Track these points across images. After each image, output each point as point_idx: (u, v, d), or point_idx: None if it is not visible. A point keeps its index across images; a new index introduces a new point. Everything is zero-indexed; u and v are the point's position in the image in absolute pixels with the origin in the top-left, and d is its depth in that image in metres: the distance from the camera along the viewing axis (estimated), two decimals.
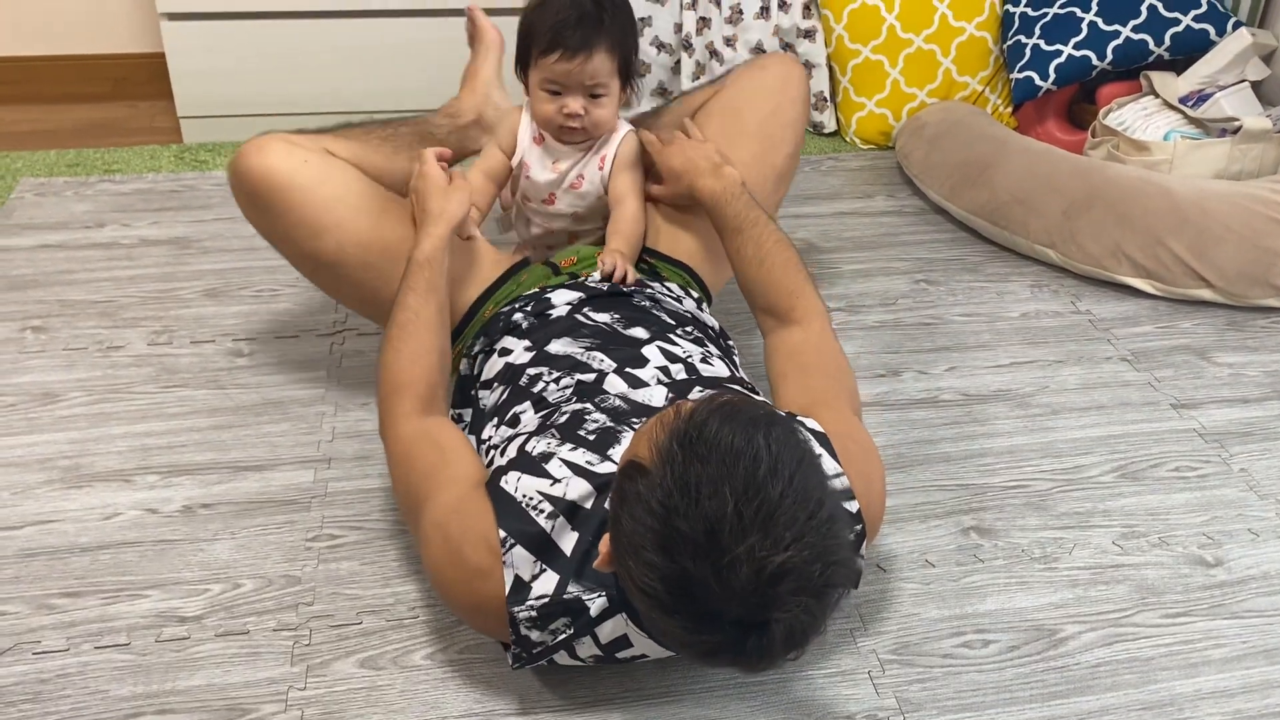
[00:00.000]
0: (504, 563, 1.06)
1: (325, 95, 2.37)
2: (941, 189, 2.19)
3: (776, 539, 0.83)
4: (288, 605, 1.28)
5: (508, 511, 1.08)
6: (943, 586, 1.35)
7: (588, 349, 1.30)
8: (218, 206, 2.11)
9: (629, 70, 1.43)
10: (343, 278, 1.47)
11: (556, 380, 1.27)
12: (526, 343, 1.34)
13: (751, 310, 1.47)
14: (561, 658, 1.11)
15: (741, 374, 1.37)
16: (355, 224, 1.43)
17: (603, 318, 1.36)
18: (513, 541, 1.07)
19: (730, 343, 1.48)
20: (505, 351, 1.34)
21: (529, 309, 1.39)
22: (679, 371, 1.28)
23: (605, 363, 1.27)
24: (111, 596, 1.28)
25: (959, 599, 1.33)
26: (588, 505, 1.08)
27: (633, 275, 1.44)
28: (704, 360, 1.31)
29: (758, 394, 1.29)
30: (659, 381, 1.25)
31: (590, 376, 1.26)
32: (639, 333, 1.33)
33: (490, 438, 1.26)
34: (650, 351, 1.30)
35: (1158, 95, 2.23)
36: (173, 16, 2.25)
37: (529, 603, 1.06)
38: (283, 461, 1.50)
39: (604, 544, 0.97)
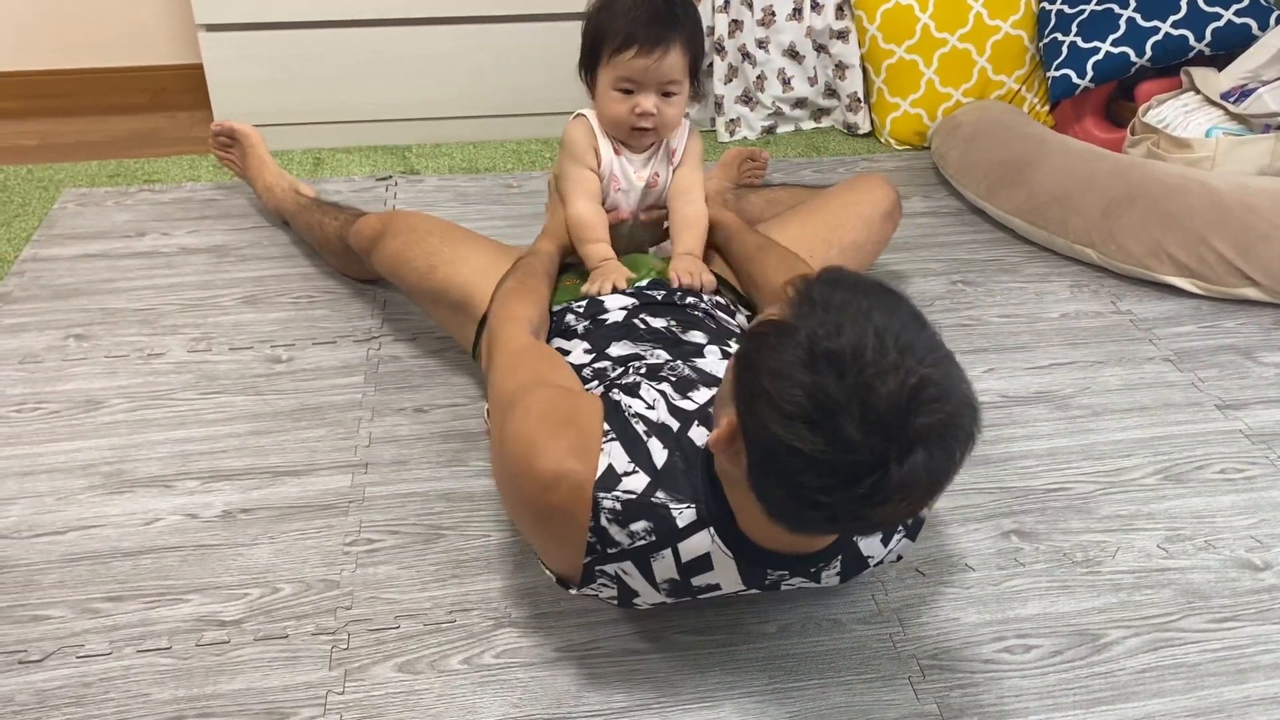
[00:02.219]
0: (602, 450, 1.08)
1: (362, 104, 2.39)
2: (978, 189, 2.17)
3: (919, 359, 0.87)
4: (326, 609, 1.29)
5: (614, 413, 1.12)
6: (983, 591, 1.33)
7: (648, 350, 1.31)
8: (255, 215, 2.14)
9: (698, 68, 1.44)
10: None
11: (623, 368, 1.28)
12: (585, 345, 1.34)
13: (758, 304, 1.51)
14: (634, 579, 1.10)
15: None
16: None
17: (659, 323, 1.36)
18: (613, 436, 1.09)
19: None
20: (561, 352, 1.35)
21: (581, 312, 1.40)
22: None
23: (670, 358, 1.29)
24: (153, 601, 1.29)
25: (1000, 603, 1.31)
26: (675, 430, 1.11)
27: (711, 281, 1.46)
28: None
29: None
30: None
31: (658, 360, 1.28)
32: (697, 336, 1.33)
33: None
34: (711, 352, 1.30)
35: (1198, 91, 2.20)
36: (210, 28, 2.28)
37: (616, 493, 1.06)
38: (320, 466, 1.51)
39: (717, 423, 0.99)
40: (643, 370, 1.23)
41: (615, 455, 1.08)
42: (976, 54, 2.42)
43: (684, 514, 1.06)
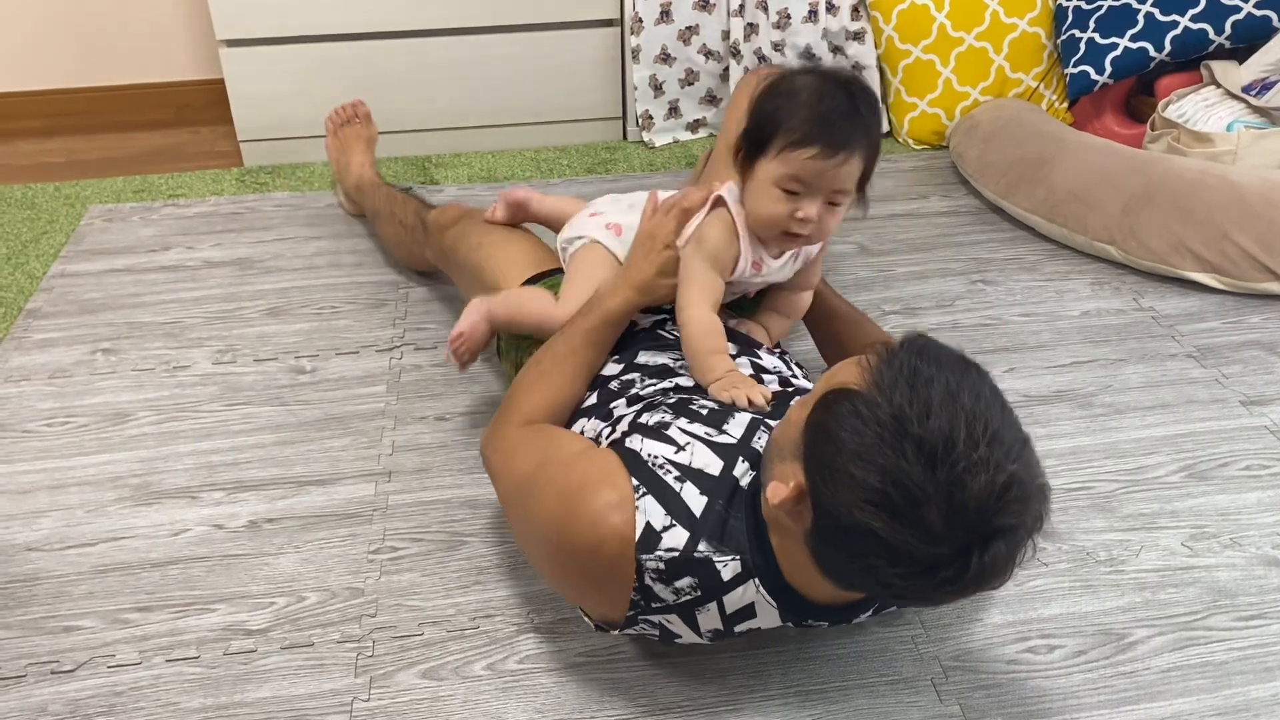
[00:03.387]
0: (637, 508, 1.04)
1: (381, 115, 2.40)
2: (997, 187, 2.16)
3: (1005, 453, 0.86)
4: (351, 617, 1.30)
5: (637, 465, 1.08)
6: (1005, 591, 1.33)
7: (677, 359, 1.30)
8: (278, 227, 2.16)
9: (869, 177, 1.25)
10: None
11: (654, 384, 1.26)
12: (614, 355, 1.33)
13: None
14: (677, 626, 1.10)
15: None
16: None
17: None
18: (645, 490, 1.05)
19: (797, 362, 1.45)
20: None
21: None
22: (773, 382, 1.27)
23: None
24: (181, 611, 1.31)
25: (1022, 604, 1.31)
26: (715, 472, 1.07)
27: (770, 341, 1.42)
28: (793, 375, 1.32)
29: None
30: None
31: (689, 382, 1.26)
32: (729, 346, 1.31)
33: (582, 429, 1.26)
34: (742, 365, 1.29)
35: (1219, 85, 2.18)
36: (231, 43, 2.30)
37: (658, 553, 1.04)
38: (344, 476, 1.52)
39: (778, 482, 0.97)
40: (672, 402, 1.19)
41: (651, 511, 1.05)
42: (994, 52, 2.41)
43: (729, 566, 1.05)
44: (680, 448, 1.10)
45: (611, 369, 1.32)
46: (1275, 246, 1.84)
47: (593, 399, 1.29)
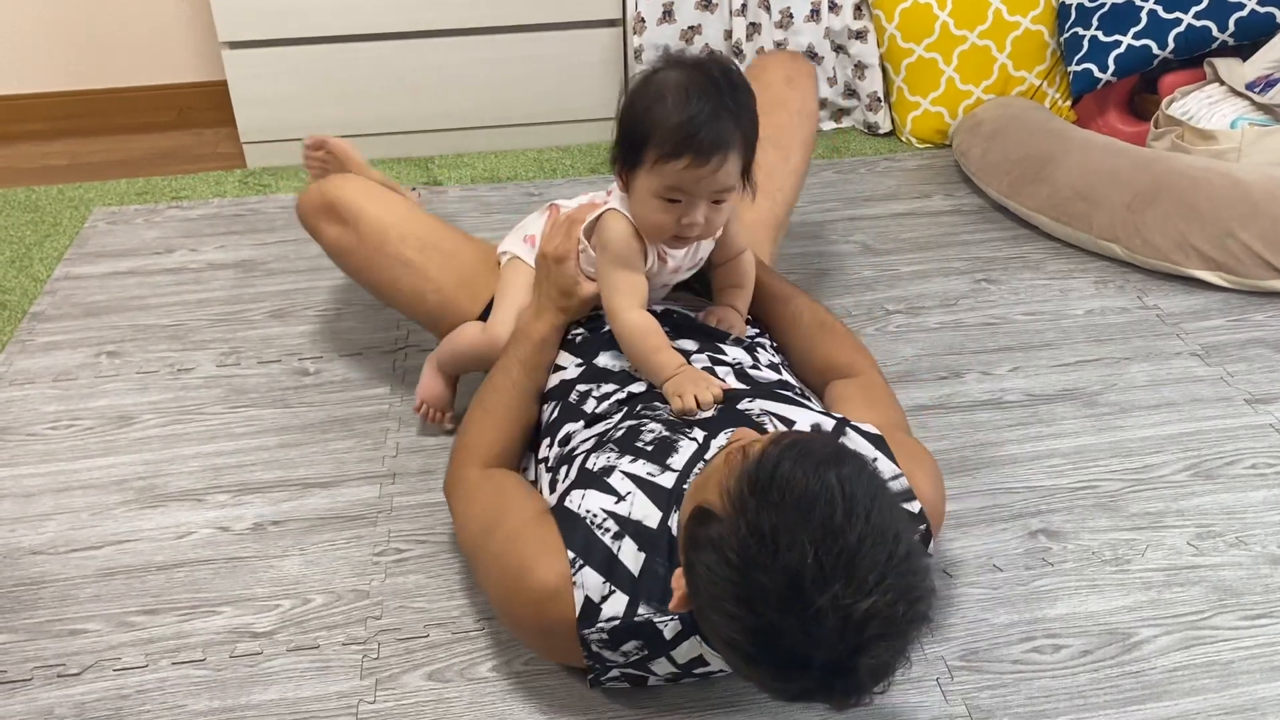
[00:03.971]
0: (574, 583, 1.06)
1: (384, 117, 2.41)
2: (1000, 186, 2.16)
3: (860, 585, 0.82)
4: (356, 619, 1.30)
5: (573, 530, 1.08)
6: (1011, 591, 1.33)
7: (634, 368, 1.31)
8: (281, 229, 2.16)
9: (751, 165, 1.21)
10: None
11: (608, 395, 1.27)
12: (577, 359, 1.34)
13: (801, 370, 1.42)
14: (636, 678, 1.13)
15: (790, 378, 1.35)
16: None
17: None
18: (582, 563, 1.06)
19: (776, 346, 1.44)
20: (559, 368, 1.35)
21: (583, 324, 1.39)
22: (727, 375, 1.27)
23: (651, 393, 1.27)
24: (187, 613, 1.31)
25: (1028, 603, 1.31)
26: (653, 525, 1.08)
27: (743, 329, 1.39)
28: (753, 366, 1.31)
29: (809, 398, 1.29)
30: None
31: (642, 388, 1.26)
32: (687, 344, 1.31)
33: (546, 458, 1.27)
34: (700, 361, 1.29)
35: (1223, 82, 2.18)
36: (233, 45, 2.30)
37: (599, 625, 1.06)
38: (349, 478, 1.52)
39: (677, 582, 0.97)
40: (621, 434, 1.17)
41: (589, 584, 1.06)
42: (996, 50, 2.41)
43: (669, 626, 1.06)
44: (620, 497, 1.10)
45: (573, 372, 1.32)
46: (1279, 244, 1.84)
47: (555, 412, 1.29)
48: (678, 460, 1.12)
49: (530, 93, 2.44)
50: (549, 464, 1.25)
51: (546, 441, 1.28)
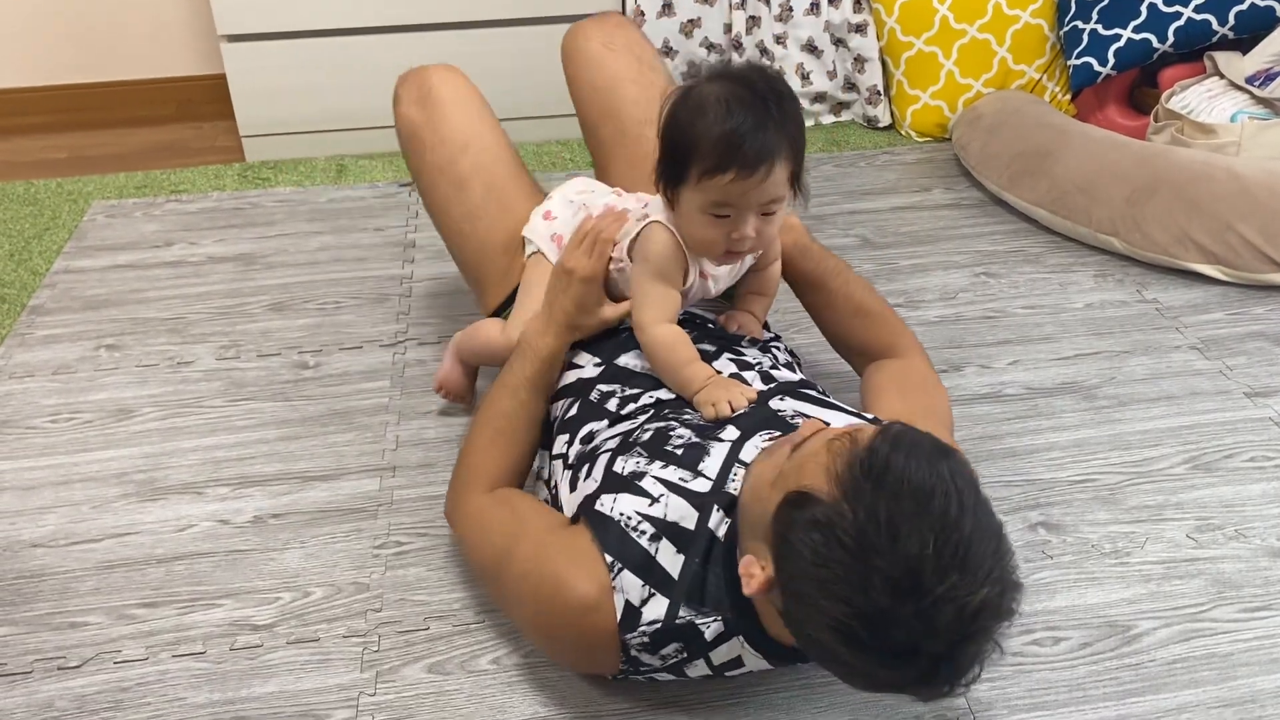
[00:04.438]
0: (614, 588, 1.04)
1: (384, 110, 2.40)
2: (1000, 180, 2.16)
3: (973, 576, 0.83)
4: (356, 612, 1.30)
5: (608, 534, 1.06)
6: None
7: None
8: (281, 222, 2.16)
9: (800, 171, 1.17)
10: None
11: (634, 398, 1.24)
12: (595, 358, 1.31)
13: (840, 352, 1.43)
14: (668, 678, 1.12)
15: (806, 378, 1.33)
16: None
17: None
18: (620, 565, 1.04)
19: (789, 348, 1.43)
20: (574, 366, 1.33)
21: None
22: (754, 379, 1.25)
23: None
24: (187, 606, 1.31)
25: (1028, 596, 1.30)
26: (690, 525, 1.06)
27: (759, 334, 1.37)
28: (774, 367, 1.30)
29: (830, 398, 1.26)
30: None
31: (671, 395, 1.23)
32: (707, 346, 1.29)
33: (564, 454, 1.24)
34: (722, 364, 1.26)
35: (1223, 76, 2.18)
36: (232, 38, 2.30)
37: (641, 628, 1.05)
38: (349, 471, 1.52)
39: (749, 567, 0.95)
40: (649, 438, 1.15)
41: (628, 587, 1.04)
42: (996, 44, 2.41)
43: (711, 627, 1.05)
44: (654, 499, 1.07)
45: (591, 371, 1.30)
46: (1279, 237, 1.83)
47: (574, 410, 1.27)
48: (710, 465, 1.09)
49: (530, 86, 2.43)
50: (567, 460, 1.23)
51: (564, 438, 1.25)
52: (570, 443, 1.24)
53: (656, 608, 1.04)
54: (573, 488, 1.18)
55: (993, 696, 1.19)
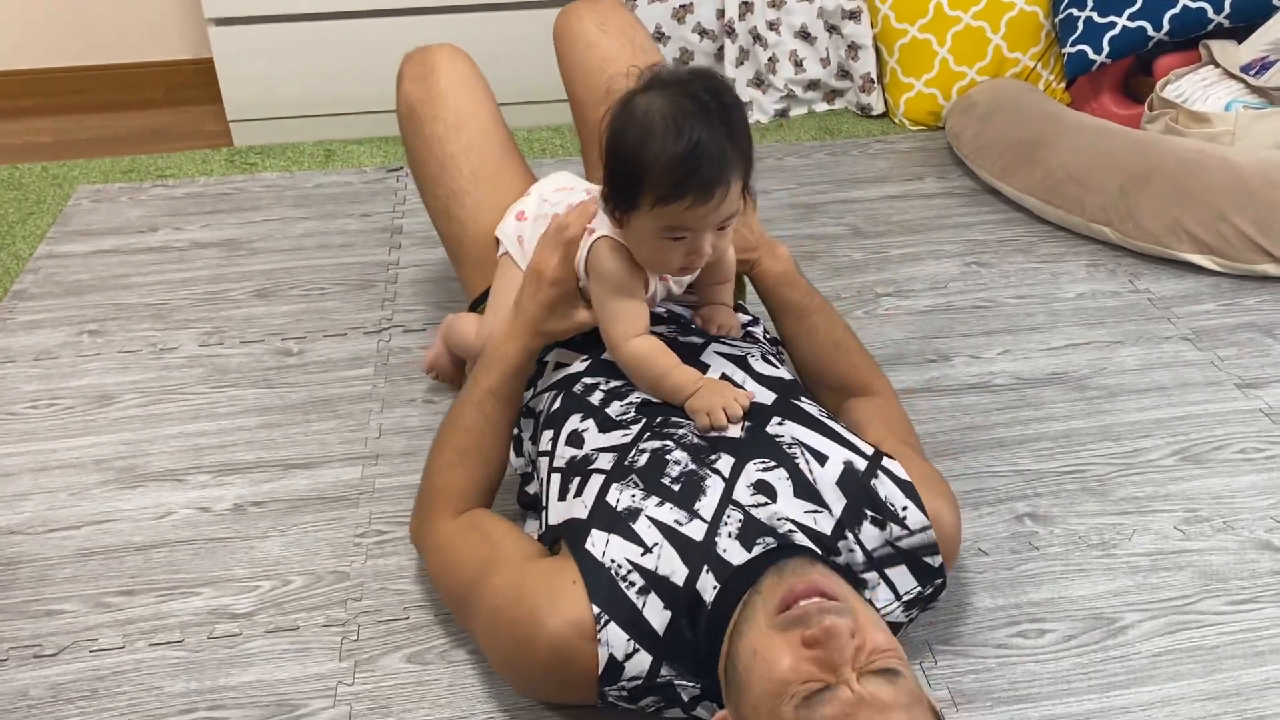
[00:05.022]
0: (599, 640, 1.01)
1: (372, 95, 2.39)
2: (993, 169, 2.14)
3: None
4: (336, 601, 1.29)
5: (599, 583, 1.03)
6: (996, 575, 1.32)
7: None
8: (267, 208, 2.14)
9: (749, 181, 1.12)
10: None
11: (620, 393, 1.20)
12: (582, 355, 1.27)
13: (813, 387, 1.38)
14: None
15: (795, 378, 1.30)
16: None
17: (659, 329, 1.27)
18: (607, 619, 1.02)
19: (779, 347, 1.41)
20: (559, 366, 1.29)
21: None
22: (735, 373, 1.21)
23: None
24: (165, 594, 1.30)
25: (1013, 588, 1.30)
26: (679, 581, 1.03)
27: (739, 329, 1.33)
28: (763, 358, 1.26)
29: (816, 403, 1.22)
30: None
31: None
32: (695, 339, 1.26)
33: (550, 452, 1.20)
34: (709, 357, 1.23)
35: (1218, 65, 2.16)
36: (219, 22, 2.28)
37: (621, 684, 1.03)
38: (331, 459, 1.51)
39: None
40: (643, 464, 1.10)
41: (614, 641, 1.01)
42: (991, 31, 2.39)
43: (688, 690, 1.04)
44: (648, 549, 1.04)
45: (578, 367, 1.25)
46: (1273, 228, 1.82)
47: (558, 403, 1.22)
48: (706, 506, 1.06)
49: (519, 71, 2.41)
50: (554, 463, 1.18)
51: (550, 434, 1.21)
52: (555, 440, 1.19)
53: (640, 664, 1.02)
54: (561, 497, 1.14)
55: (976, 688, 1.18)
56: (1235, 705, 1.16)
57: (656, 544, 1.05)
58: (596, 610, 1.02)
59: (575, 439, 1.18)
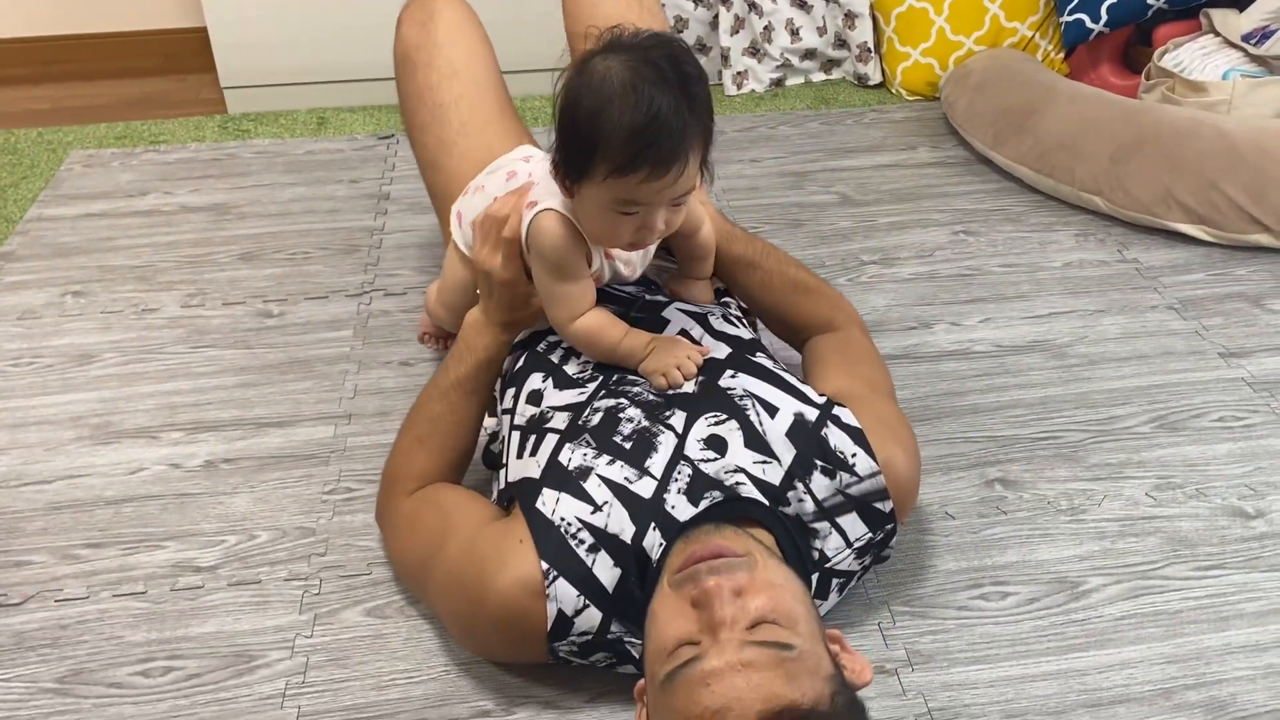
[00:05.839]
0: (547, 596, 1.01)
1: (364, 63, 2.38)
2: (985, 138, 2.12)
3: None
4: (300, 556, 1.30)
5: (548, 541, 1.03)
6: (961, 539, 1.31)
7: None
8: (257, 174, 2.15)
9: (709, 152, 1.07)
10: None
11: (578, 352, 1.19)
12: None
13: (778, 331, 1.38)
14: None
15: (757, 336, 1.30)
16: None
17: (629, 289, 1.29)
18: (555, 574, 1.02)
19: (744, 309, 1.39)
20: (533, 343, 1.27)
21: None
22: (693, 328, 1.21)
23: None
24: (132, 547, 1.31)
25: (978, 551, 1.29)
26: (627, 539, 1.03)
27: (711, 298, 1.32)
28: (724, 318, 1.26)
29: (773, 359, 1.22)
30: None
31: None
32: (661, 297, 1.27)
33: (511, 410, 1.20)
34: (670, 313, 1.23)
35: (1218, 33, 2.12)
36: None
37: (571, 638, 1.04)
38: (304, 418, 1.51)
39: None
40: (596, 423, 1.10)
41: (563, 597, 1.01)
42: (988, 0, 2.36)
43: (638, 647, 1.03)
44: (597, 507, 1.04)
45: (541, 324, 1.25)
46: (1265, 197, 1.79)
47: (520, 362, 1.22)
48: (656, 463, 1.06)
49: (511, 39, 2.40)
50: (514, 420, 1.18)
51: (512, 392, 1.21)
52: (517, 398, 1.19)
53: (589, 619, 1.03)
54: (519, 454, 1.14)
55: (933, 649, 1.17)
56: (1194, 669, 1.14)
57: (606, 502, 1.04)
58: (545, 566, 1.02)
59: (534, 397, 1.18)
